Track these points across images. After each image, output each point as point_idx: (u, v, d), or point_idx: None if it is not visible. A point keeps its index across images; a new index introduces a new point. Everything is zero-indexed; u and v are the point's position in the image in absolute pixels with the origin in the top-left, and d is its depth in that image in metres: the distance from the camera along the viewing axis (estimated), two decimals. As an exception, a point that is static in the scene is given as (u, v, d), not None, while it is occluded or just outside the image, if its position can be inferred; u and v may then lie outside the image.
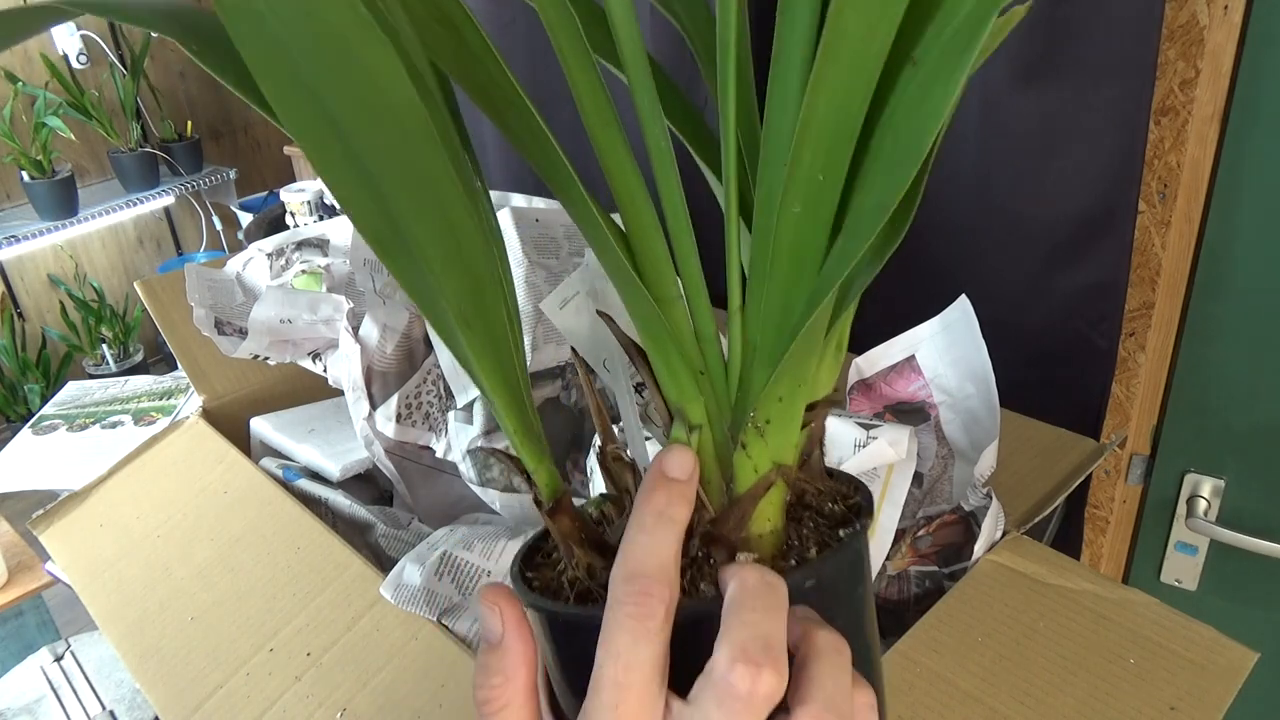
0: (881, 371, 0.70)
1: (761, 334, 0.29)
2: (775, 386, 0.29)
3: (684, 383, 0.30)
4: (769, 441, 0.30)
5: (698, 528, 0.30)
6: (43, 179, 2.40)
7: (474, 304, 0.28)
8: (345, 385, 0.77)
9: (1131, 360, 0.84)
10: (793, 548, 0.31)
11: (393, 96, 0.23)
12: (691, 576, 0.30)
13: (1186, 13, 0.71)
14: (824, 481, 0.34)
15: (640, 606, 0.27)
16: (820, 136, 0.26)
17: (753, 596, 0.27)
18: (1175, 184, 0.76)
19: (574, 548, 0.32)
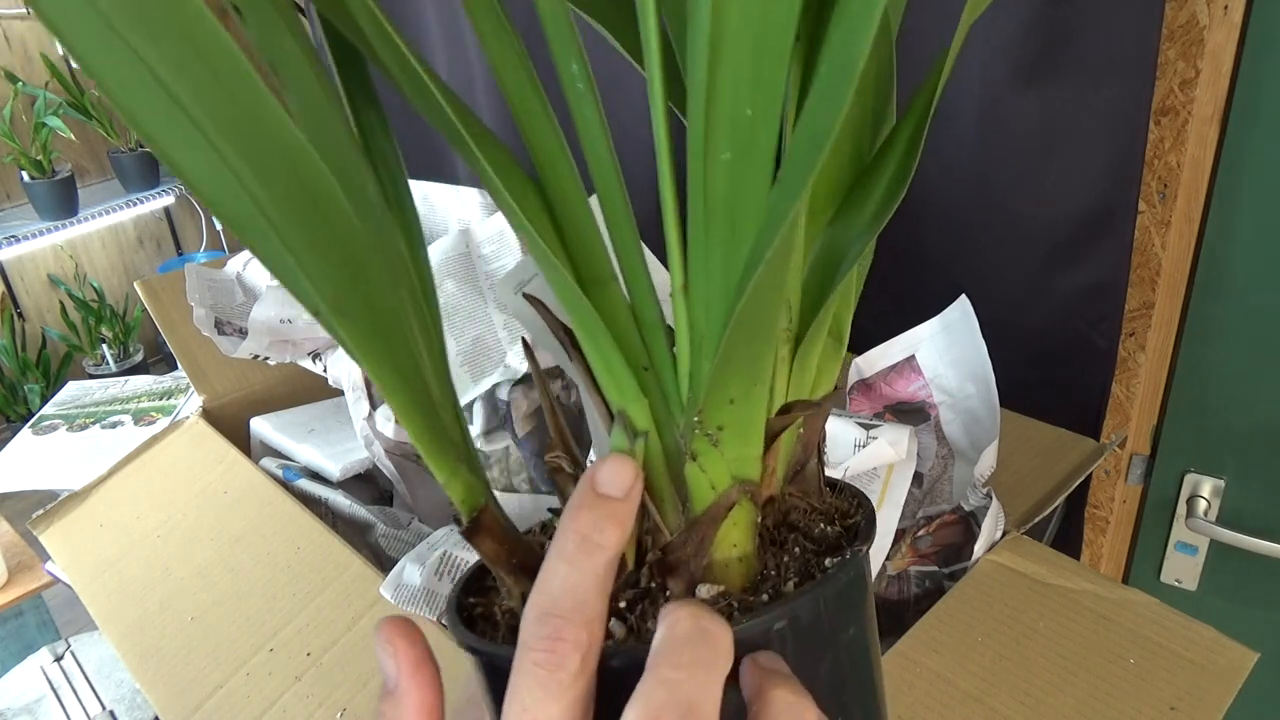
0: (881, 371, 0.70)
1: (706, 319, 0.24)
2: (723, 384, 0.24)
3: (623, 380, 0.25)
4: (725, 453, 0.25)
5: (649, 552, 0.26)
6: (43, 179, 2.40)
7: (349, 288, 0.24)
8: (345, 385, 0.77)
9: (1131, 360, 0.84)
10: (768, 578, 0.26)
11: (187, 26, 0.19)
12: (642, 611, 0.25)
13: (1186, 13, 0.71)
14: (819, 498, 0.29)
15: (552, 653, 0.22)
16: (739, 56, 0.20)
17: (679, 648, 0.22)
18: (1175, 184, 0.76)
19: (503, 575, 0.27)
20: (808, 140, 0.20)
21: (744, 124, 0.21)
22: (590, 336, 0.25)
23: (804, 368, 0.28)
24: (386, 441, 0.76)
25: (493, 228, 0.76)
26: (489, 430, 0.73)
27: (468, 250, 0.75)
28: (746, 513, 0.26)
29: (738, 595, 0.25)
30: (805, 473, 0.29)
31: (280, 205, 0.22)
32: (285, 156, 0.22)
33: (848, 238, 0.27)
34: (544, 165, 0.25)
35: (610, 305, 0.25)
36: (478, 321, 0.74)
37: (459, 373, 0.73)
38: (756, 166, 0.22)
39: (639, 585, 0.25)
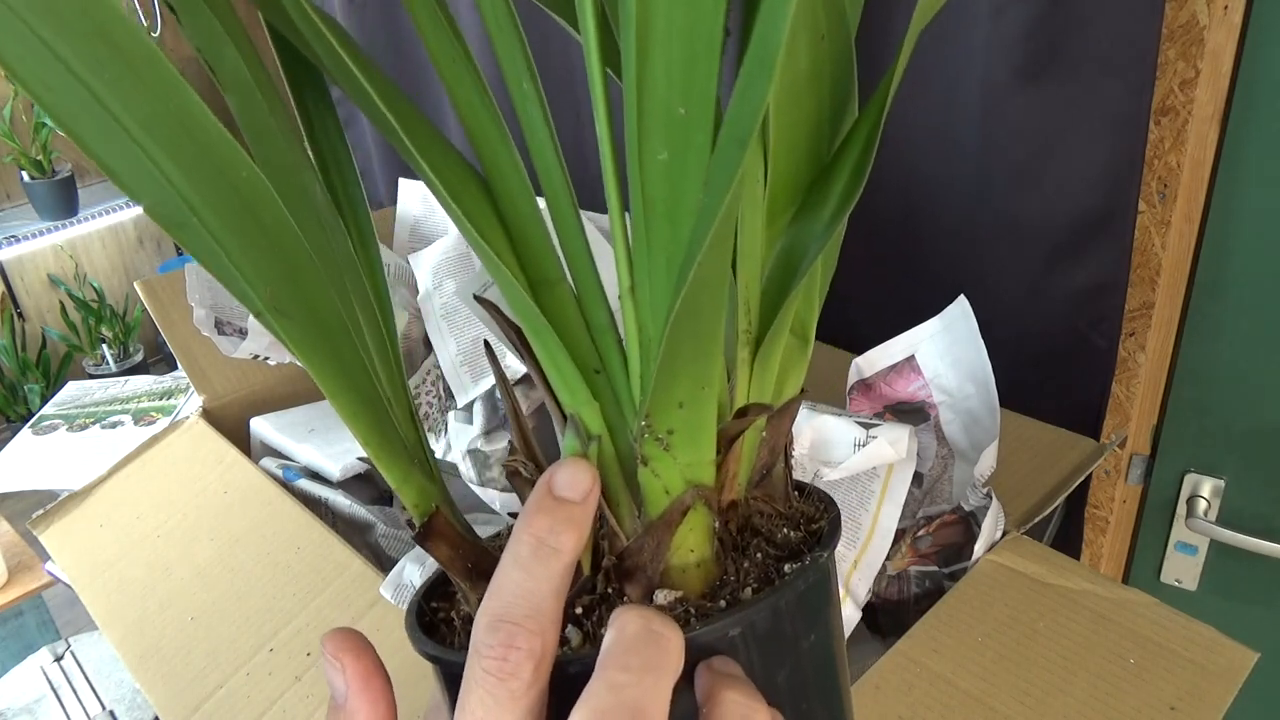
0: (881, 371, 0.70)
1: (653, 322, 0.23)
2: (668, 387, 0.23)
3: (574, 384, 0.25)
4: (677, 457, 0.24)
5: (605, 558, 0.25)
6: (43, 179, 2.40)
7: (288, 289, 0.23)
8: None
9: (1131, 360, 0.84)
10: (726, 584, 0.25)
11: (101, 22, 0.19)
12: (598, 617, 0.25)
13: (1186, 13, 0.71)
14: (785, 502, 0.29)
15: (504, 661, 0.21)
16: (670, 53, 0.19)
17: (627, 651, 0.22)
18: (1175, 184, 0.76)
19: (459, 581, 0.27)
20: (732, 140, 0.19)
21: (678, 123, 0.20)
22: (540, 339, 0.25)
23: (765, 369, 0.28)
24: (386, 441, 0.76)
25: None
26: (489, 430, 0.73)
27: (467, 250, 0.75)
28: (702, 517, 0.25)
29: (695, 601, 0.25)
30: (771, 477, 0.28)
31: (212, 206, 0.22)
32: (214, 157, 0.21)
33: (808, 236, 0.27)
34: (490, 164, 0.24)
35: (559, 308, 0.25)
36: (477, 322, 0.74)
37: (459, 373, 0.73)
38: (693, 165, 0.21)
39: (595, 591, 0.25)
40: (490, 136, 0.24)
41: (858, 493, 0.64)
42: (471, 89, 0.23)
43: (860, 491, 0.64)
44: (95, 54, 0.19)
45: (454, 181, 0.24)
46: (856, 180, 0.25)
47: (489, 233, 0.25)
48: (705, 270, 0.20)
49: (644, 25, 0.19)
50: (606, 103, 0.23)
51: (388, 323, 0.28)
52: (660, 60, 0.20)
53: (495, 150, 0.24)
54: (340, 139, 0.29)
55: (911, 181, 0.86)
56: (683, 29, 0.19)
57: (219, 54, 0.24)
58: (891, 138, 0.86)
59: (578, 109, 0.93)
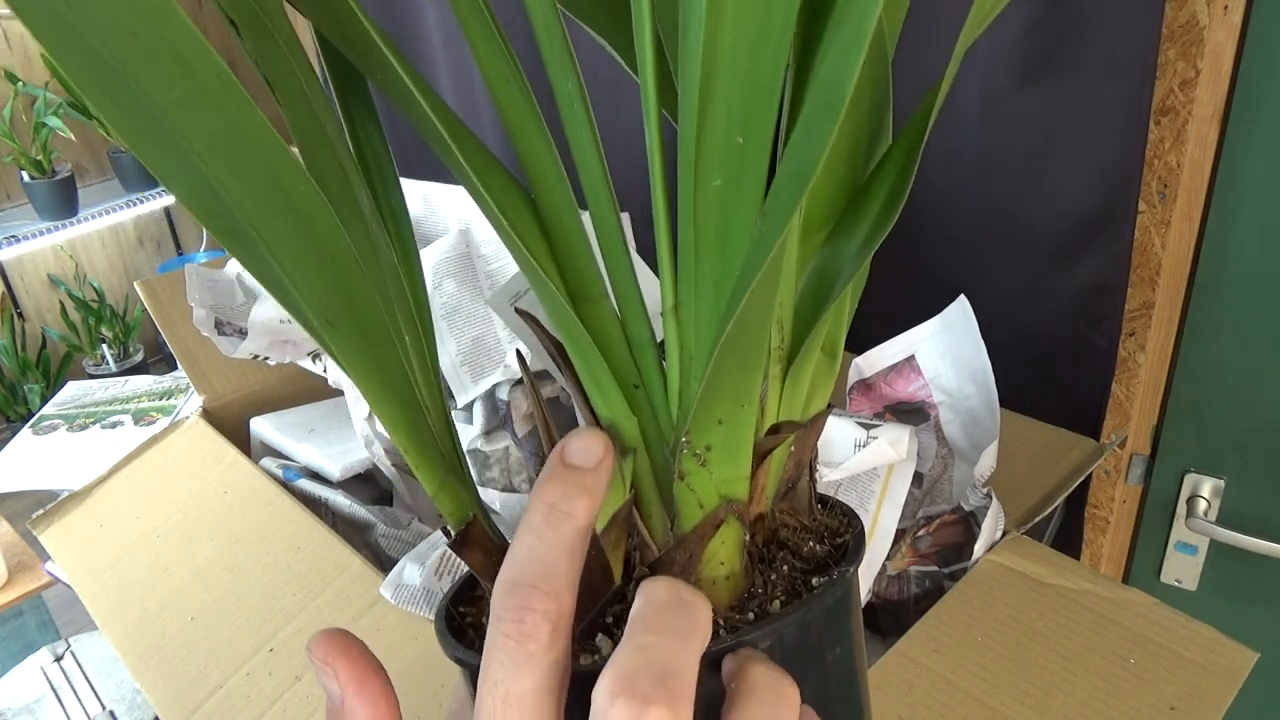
0: (881, 371, 0.70)
1: (696, 341, 0.24)
2: (710, 406, 0.24)
3: (613, 399, 0.25)
4: (713, 472, 0.25)
5: (637, 568, 0.26)
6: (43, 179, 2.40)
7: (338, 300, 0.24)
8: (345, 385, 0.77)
9: (1131, 360, 0.84)
10: (754, 597, 0.26)
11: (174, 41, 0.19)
12: None
13: (1186, 13, 0.71)
14: (810, 515, 0.29)
15: (520, 624, 0.21)
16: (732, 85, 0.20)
17: (656, 614, 0.22)
18: (1175, 184, 0.76)
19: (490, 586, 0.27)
20: (793, 173, 0.20)
21: (735, 152, 0.21)
22: (580, 353, 0.25)
23: (796, 386, 0.28)
24: (386, 441, 0.76)
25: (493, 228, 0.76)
26: (489, 430, 0.73)
27: (467, 250, 0.75)
28: (734, 531, 0.26)
29: (724, 613, 0.25)
30: (796, 490, 0.29)
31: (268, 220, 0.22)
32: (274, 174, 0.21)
33: (841, 258, 0.27)
34: (537, 181, 0.25)
35: (601, 323, 0.25)
36: (478, 321, 0.74)
37: (459, 373, 0.73)
38: (747, 193, 0.22)
39: (626, 600, 0.25)
40: (539, 155, 0.24)
41: (858, 493, 0.64)
42: (524, 109, 0.24)
43: (860, 491, 0.64)
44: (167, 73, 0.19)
45: (501, 198, 0.24)
46: (893, 205, 0.25)
47: (534, 248, 0.25)
48: (757, 296, 0.21)
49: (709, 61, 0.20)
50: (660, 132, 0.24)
51: (427, 331, 0.28)
52: (722, 94, 0.20)
53: (544, 168, 0.24)
54: (384, 147, 0.29)
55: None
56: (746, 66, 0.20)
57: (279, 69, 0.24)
58: (891, 138, 0.86)
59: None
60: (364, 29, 0.22)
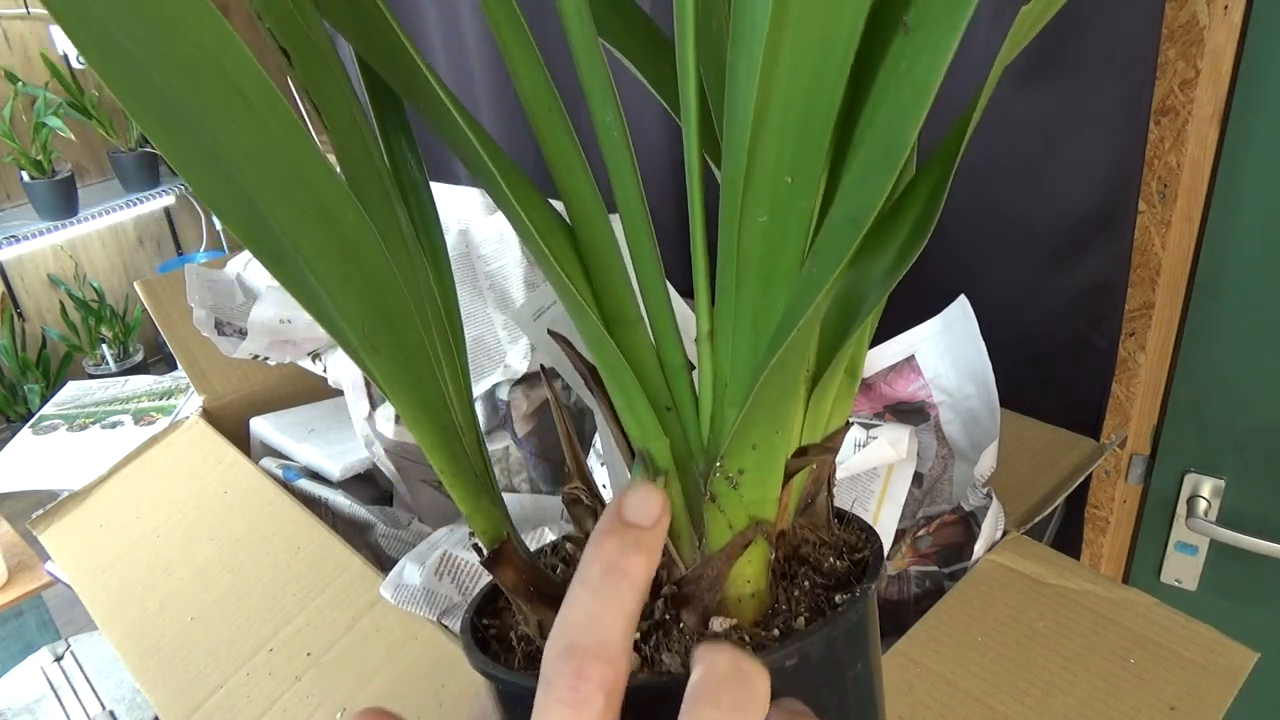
0: (881, 371, 0.70)
1: (731, 368, 0.25)
2: (746, 432, 0.24)
3: (646, 421, 0.26)
4: (744, 495, 0.25)
5: (665, 585, 0.26)
6: (43, 179, 2.40)
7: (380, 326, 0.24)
8: (345, 385, 0.77)
9: (1131, 360, 0.84)
10: (779, 613, 0.26)
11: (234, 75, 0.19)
12: (656, 642, 0.25)
13: (1186, 13, 0.71)
14: (828, 530, 0.30)
15: (575, 691, 0.21)
16: (784, 127, 0.21)
17: (718, 688, 0.22)
18: (1175, 184, 0.76)
19: (521, 603, 0.27)
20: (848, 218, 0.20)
21: (783, 191, 0.21)
22: (614, 376, 0.26)
23: (819, 406, 0.29)
24: (386, 441, 0.76)
25: (493, 228, 0.76)
26: (489, 430, 0.73)
27: (467, 251, 0.75)
28: (761, 551, 0.26)
29: (749, 629, 0.25)
30: (815, 505, 0.29)
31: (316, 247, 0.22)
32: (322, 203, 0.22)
33: (866, 283, 0.27)
34: (575, 208, 0.25)
35: (635, 346, 0.26)
36: (478, 321, 0.74)
37: (459, 373, 0.73)
38: (793, 230, 0.22)
39: (653, 617, 0.26)
40: (579, 183, 0.25)
41: (858, 493, 0.64)
42: (564, 136, 0.24)
43: (860, 491, 0.64)
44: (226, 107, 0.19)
45: (541, 225, 0.25)
46: (921, 231, 0.25)
47: (570, 272, 0.26)
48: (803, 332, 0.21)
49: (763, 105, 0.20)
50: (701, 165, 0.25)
51: (460, 352, 0.29)
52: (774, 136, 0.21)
53: (582, 195, 0.25)
54: (420, 169, 0.29)
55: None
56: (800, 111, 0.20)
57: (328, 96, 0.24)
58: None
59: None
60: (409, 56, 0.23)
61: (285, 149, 0.21)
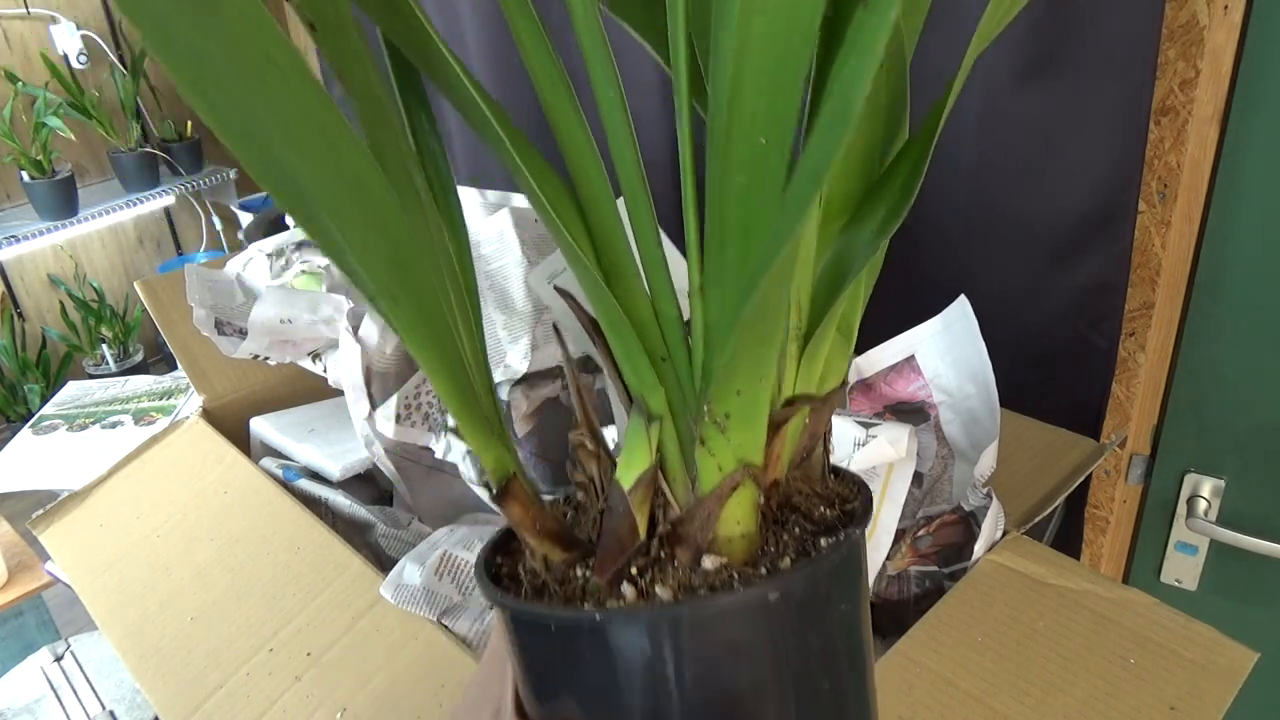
0: (881, 371, 0.70)
1: (719, 320, 0.26)
2: (729, 378, 0.26)
3: (642, 369, 0.28)
4: (731, 439, 0.27)
5: (660, 525, 0.28)
6: (43, 179, 2.40)
7: (396, 276, 0.26)
8: (345, 385, 0.77)
9: (1131, 360, 0.84)
10: (767, 554, 0.28)
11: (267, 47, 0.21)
12: (651, 577, 0.27)
13: (1186, 13, 0.71)
14: (822, 483, 0.31)
15: None
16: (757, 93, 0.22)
17: None
18: (1175, 184, 0.76)
19: (528, 537, 0.29)
20: (809, 171, 0.22)
21: (758, 151, 0.23)
22: (614, 328, 0.28)
23: (811, 363, 0.30)
24: (386, 441, 0.76)
25: (493, 228, 0.76)
26: (489, 430, 0.73)
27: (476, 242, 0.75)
28: (749, 493, 0.27)
29: (738, 567, 0.27)
30: (811, 459, 0.31)
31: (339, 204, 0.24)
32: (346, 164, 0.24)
33: (856, 245, 0.29)
34: (579, 173, 0.27)
35: (633, 301, 0.28)
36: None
37: (459, 373, 0.73)
38: (768, 189, 0.24)
39: (649, 554, 0.27)
40: (582, 149, 0.27)
41: (858, 493, 0.64)
42: (567, 104, 0.26)
43: (860, 491, 0.64)
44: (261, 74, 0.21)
45: (546, 187, 0.27)
46: (905, 197, 0.27)
47: (574, 231, 0.27)
48: (773, 280, 0.23)
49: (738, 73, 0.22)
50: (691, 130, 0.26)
51: (474, 303, 0.31)
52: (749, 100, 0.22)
53: (585, 161, 0.27)
54: (435, 137, 0.31)
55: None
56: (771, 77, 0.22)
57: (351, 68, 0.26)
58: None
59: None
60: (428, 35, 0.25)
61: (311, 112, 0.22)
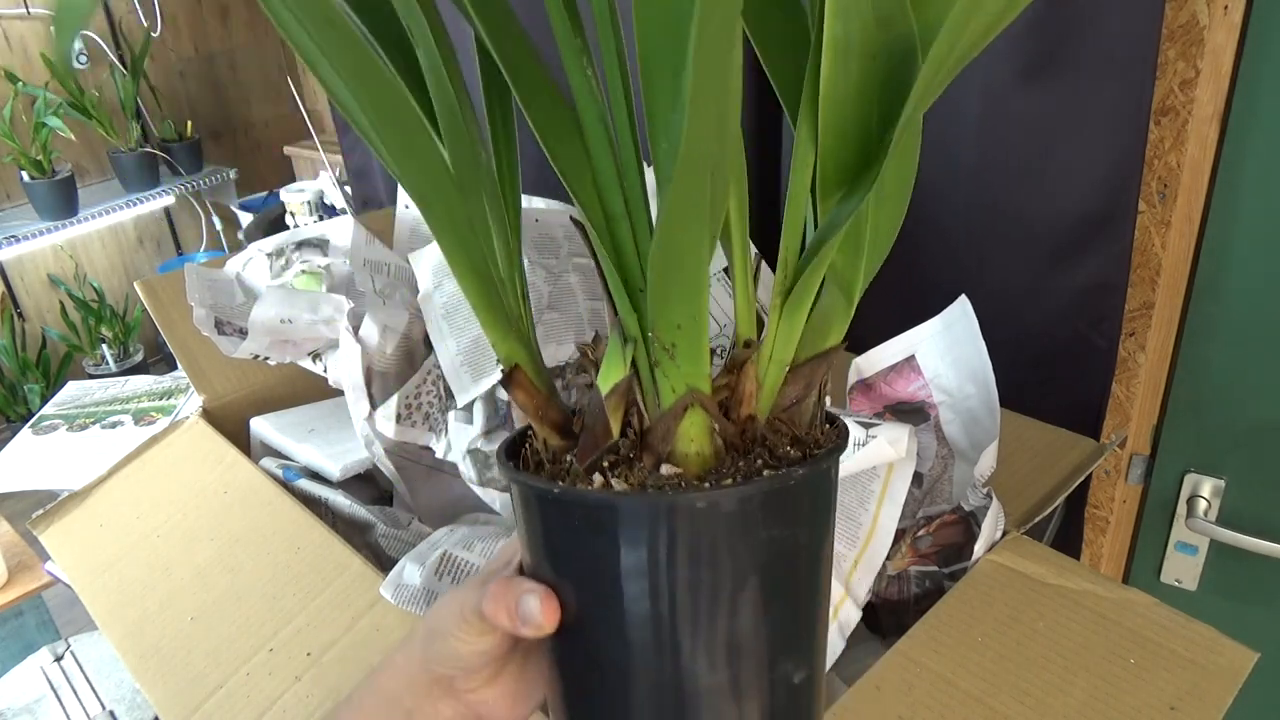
0: (881, 371, 0.70)
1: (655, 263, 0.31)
2: (663, 311, 0.30)
3: (622, 299, 0.32)
4: (680, 367, 0.31)
5: (631, 429, 0.32)
6: (43, 179, 2.40)
7: (429, 185, 0.31)
8: (345, 385, 0.77)
9: (1131, 360, 0.84)
10: (718, 473, 0.31)
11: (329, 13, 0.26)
12: (619, 472, 0.31)
13: (1186, 13, 0.71)
14: (808, 429, 0.34)
15: None
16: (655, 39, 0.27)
17: None
18: (1175, 184, 0.76)
19: (533, 422, 0.34)
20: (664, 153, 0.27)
21: (673, 122, 0.27)
22: (606, 262, 0.32)
23: (792, 317, 0.33)
24: (386, 441, 0.76)
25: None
26: (489, 430, 0.73)
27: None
28: (700, 417, 0.31)
29: (688, 479, 0.31)
30: (800, 407, 0.34)
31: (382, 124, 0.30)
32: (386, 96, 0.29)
33: (842, 214, 0.31)
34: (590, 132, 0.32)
35: (622, 237, 0.32)
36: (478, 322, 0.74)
37: (459, 372, 0.73)
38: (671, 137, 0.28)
39: (619, 453, 0.32)
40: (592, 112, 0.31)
41: (858, 493, 0.64)
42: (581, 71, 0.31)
43: (860, 491, 0.64)
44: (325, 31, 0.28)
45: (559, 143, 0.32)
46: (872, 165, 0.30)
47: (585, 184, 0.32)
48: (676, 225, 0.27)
49: None
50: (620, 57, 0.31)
51: (515, 227, 0.36)
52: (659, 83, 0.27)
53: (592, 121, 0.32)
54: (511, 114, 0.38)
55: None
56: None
57: (416, 21, 0.31)
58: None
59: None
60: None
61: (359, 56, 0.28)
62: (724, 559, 0.30)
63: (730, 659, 0.31)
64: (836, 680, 0.63)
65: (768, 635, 0.31)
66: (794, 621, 0.32)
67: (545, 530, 0.32)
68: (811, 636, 0.33)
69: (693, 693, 0.31)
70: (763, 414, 0.33)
